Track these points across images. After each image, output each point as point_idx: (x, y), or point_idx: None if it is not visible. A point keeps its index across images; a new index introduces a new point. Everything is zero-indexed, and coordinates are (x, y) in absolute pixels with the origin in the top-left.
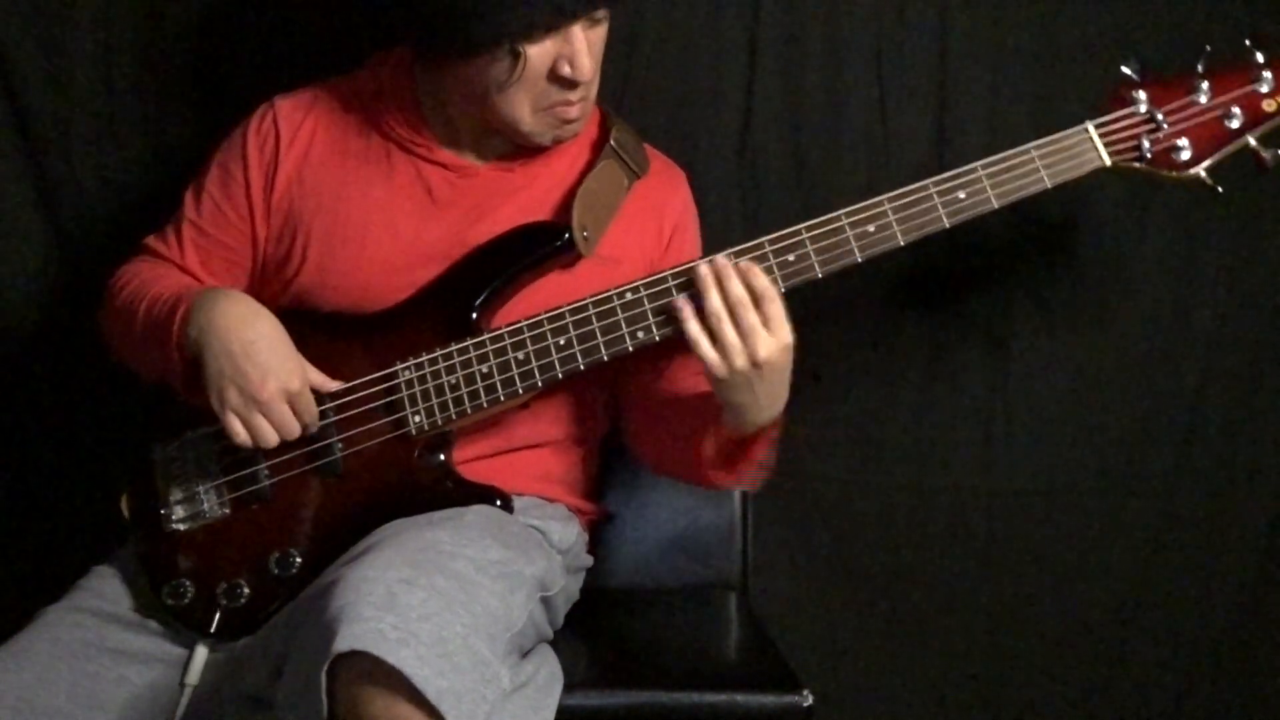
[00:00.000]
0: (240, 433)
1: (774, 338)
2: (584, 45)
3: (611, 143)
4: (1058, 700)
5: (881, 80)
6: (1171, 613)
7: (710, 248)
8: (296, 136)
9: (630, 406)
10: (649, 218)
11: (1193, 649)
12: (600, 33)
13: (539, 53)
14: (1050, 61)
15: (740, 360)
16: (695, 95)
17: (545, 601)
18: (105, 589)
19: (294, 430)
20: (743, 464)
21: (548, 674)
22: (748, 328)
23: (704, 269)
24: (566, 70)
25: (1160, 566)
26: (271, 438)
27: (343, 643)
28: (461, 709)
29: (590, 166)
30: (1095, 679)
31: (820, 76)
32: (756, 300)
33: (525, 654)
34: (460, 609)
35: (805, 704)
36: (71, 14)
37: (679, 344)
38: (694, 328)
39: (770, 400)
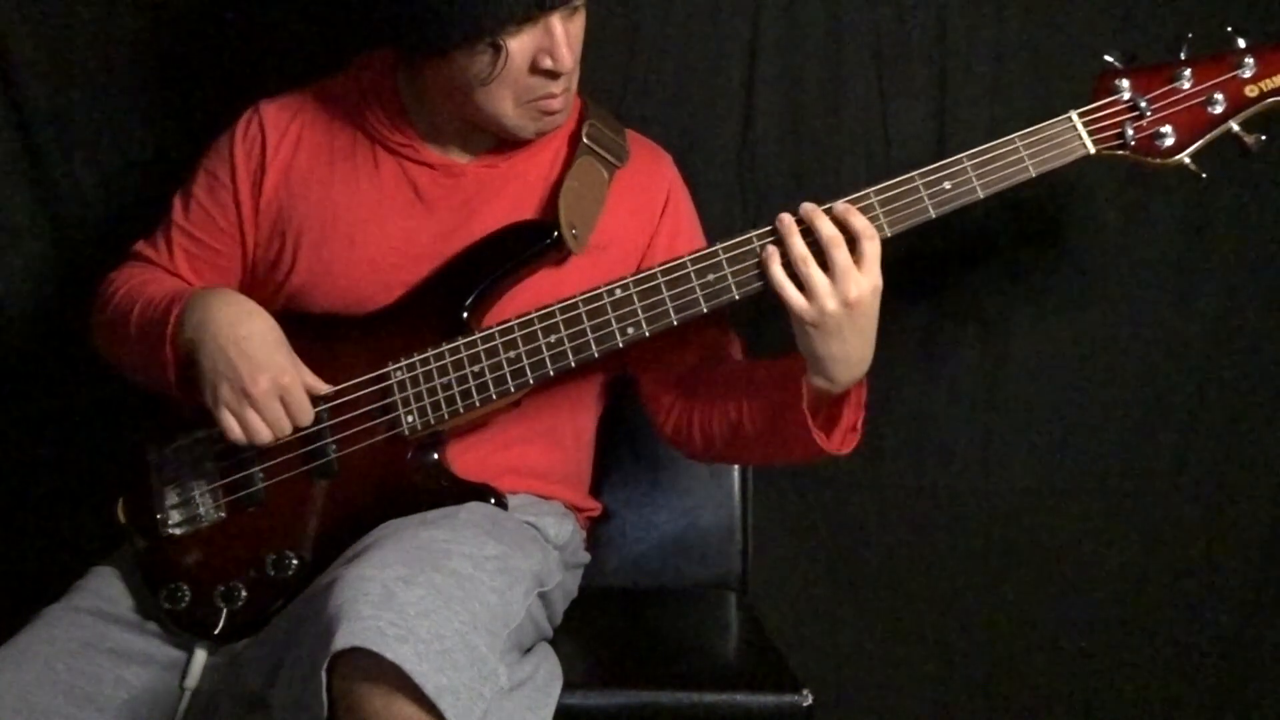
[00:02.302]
0: (234, 428)
1: (866, 278)
2: (563, 36)
3: (584, 140)
4: (1057, 700)
5: (881, 80)
6: (1171, 613)
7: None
8: (283, 140)
9: (660, 399)
10: (636, 205)
11: (1193, 649)
12: (579, 22)
13: (519, 46)
14: (1050, 62)
15: (831, 303)
16: (695, 95)
17: (543, 597)
18: (104, 589)
19: (286, 427)
20: (836, 429)
21: (547, 672)
22: (841, 268)
23: (785, 215)
24: (547, 63)
25: (1160, 566)
26: (264, 434)
27: (342, 640)
28: (459, 705)
29: (572, 160)
30: (1095, 679)
31: (820, 76)
32: (853, 240)
33: (525, 652)
34: (458, 606)
35: (805, 704)
36: (71, 14)
37: (689, 328)
38: (777, 273)
39: (859, 350)
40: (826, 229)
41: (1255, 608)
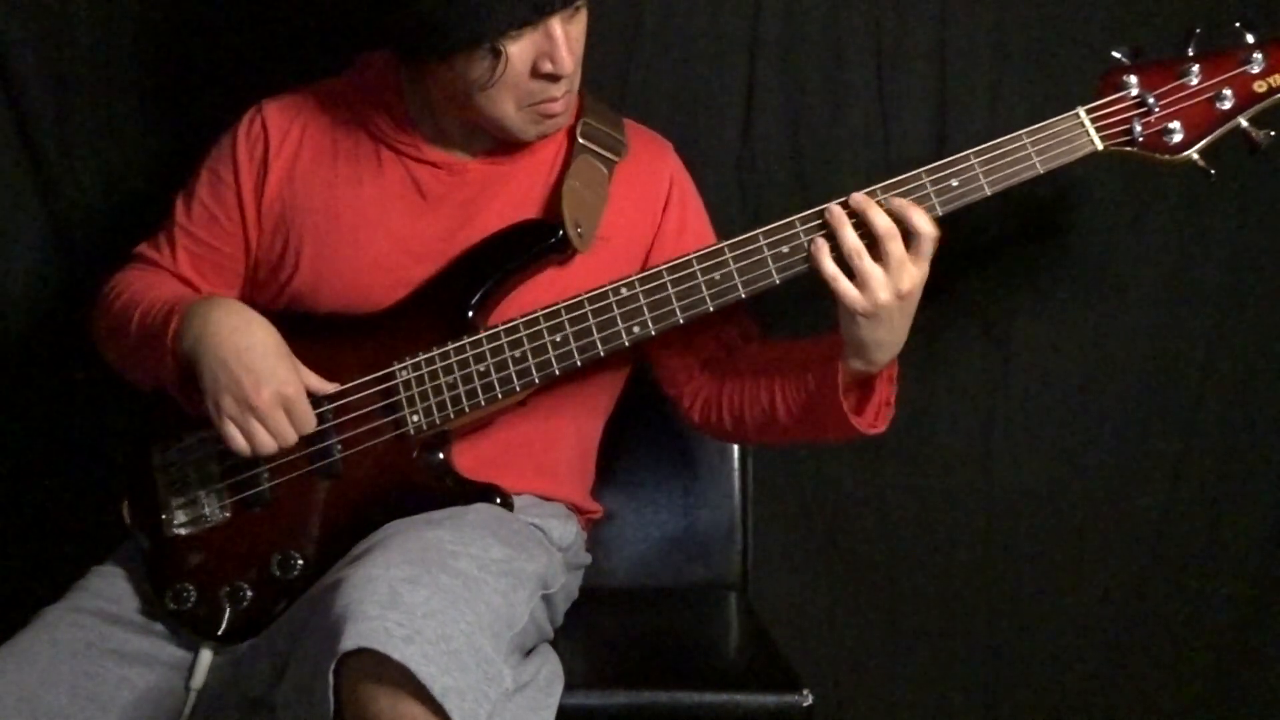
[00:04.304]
0: (239, 441)
1: (918, 269)
2: (563, 39)
3: (580, 140)
4: (1057, 700)
5: (881, 80)
6: (1171, 613)
7: None
8: (286, 139)
9: (684, 386)
10: (639, 197)
11: (1192, 649)
12: (580, 24)
13: (519, 51)
14: (1051, 61)
15: (885, 294)
16: (695, 95)
17: (546, 599)
18: (106, 590)
19: (290, 438)
20: (869, 405)
21: (549, 673)
22: (896, 260)
23: (835, 207)
24: (548, 66)
25: (1160, 567)
26: (269, 445)
27: (349, 641)
28: (465, 707)
29: (571, 158)
30: (1095, 679)
31: (820, 76)
32: (908, 235)
33: (527, 653)
34: (464, 607)
35: (805, 704)
36: (71, 14)
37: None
38: (829, 266)
39: (901, 334)
40: (882, 222)
41: (1255, 608)
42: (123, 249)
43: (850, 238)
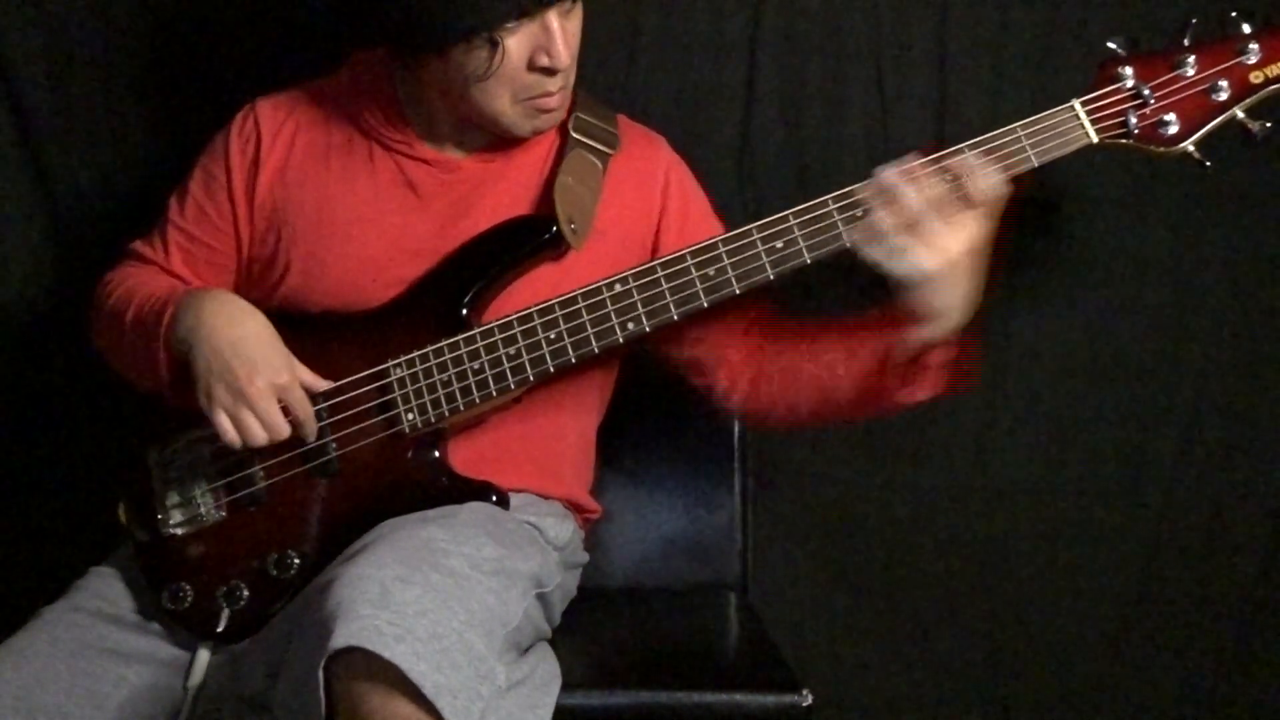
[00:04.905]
0: (229, 430)
1: (983, 224)
2: (560, 33)
3: (573, 134)
4: (1057, 700)
5: (881, 80)
6: (1171, 613)
7: None
8: (278, 137)
9: (718, 374)
10: (634, 191)
11: (1193, 649)
12: (576, 19)
13: (516, 43)
14: (1050, 61)
15: (958, 246)
16: (695, 95)
17: (541, 598)
18: (104, 589)
19: (282, 428)
20: (935, 371)
21: (545, 672)
22: (959, 217)
23: (887, 176)
24: (544, 60)
25: (1160, 566)
26: (260, 435)
27: (339, 639)
28: (457, 705)
29: (563, 154)
30: (1095, 679)
31: (820, 76)
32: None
33: (524, 652)
34: (456, 605)
35: (805, 704)
36: (71, 14)
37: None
38: (894, 233)
39: (975, 292)
40: (933, 189)
41: (1255, 607)
42: (121, 248)
43: (914, 201)
